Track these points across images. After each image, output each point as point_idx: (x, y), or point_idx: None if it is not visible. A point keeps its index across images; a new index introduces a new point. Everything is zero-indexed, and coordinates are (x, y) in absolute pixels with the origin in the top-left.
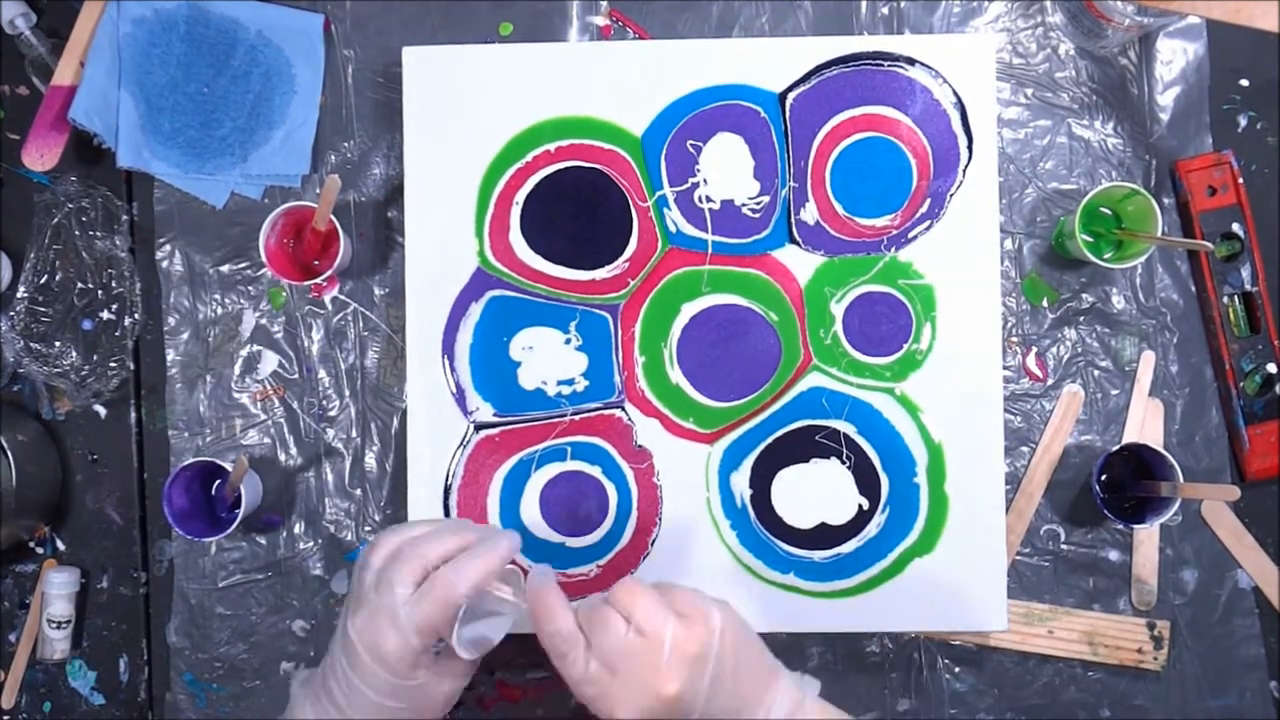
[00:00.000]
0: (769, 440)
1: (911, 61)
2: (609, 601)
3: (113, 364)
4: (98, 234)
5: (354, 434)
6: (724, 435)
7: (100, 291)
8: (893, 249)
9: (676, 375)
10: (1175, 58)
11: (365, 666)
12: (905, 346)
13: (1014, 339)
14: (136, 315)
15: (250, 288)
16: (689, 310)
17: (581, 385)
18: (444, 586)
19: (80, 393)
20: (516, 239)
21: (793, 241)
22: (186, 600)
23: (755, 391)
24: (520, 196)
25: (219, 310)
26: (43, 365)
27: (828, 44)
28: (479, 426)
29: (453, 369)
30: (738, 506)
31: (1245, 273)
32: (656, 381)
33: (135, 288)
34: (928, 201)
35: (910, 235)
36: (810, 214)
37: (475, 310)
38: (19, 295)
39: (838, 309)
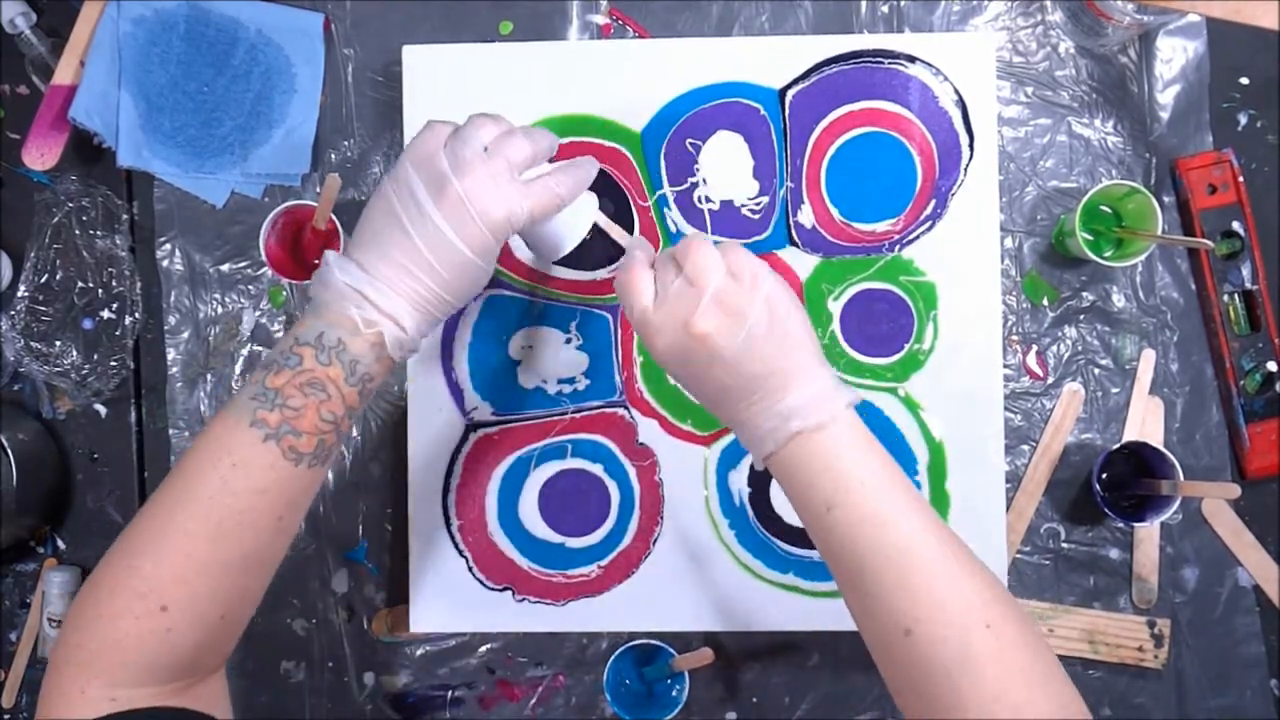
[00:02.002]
0: None
1: (912, 59)
2: (673, 252)
3: (113, 363)
4: (98, 233)
5: (354, 434)
6: (722, 436)
7: (100, 291)
8: (896, 249)
9: None
10: (1175, 56)
11: (468, 221)
12: (907, 347)
13: (1014, 337)
14: (137, 314)
15: (250, 287)
16: None
17: (583, 384)
18: (553, 186)
19: (80, 392)
20: (514, 239)
21: (792, 244)
22: None
23: None
24: None
25: (219, 309)
26: (43, 364)
27: (828, 42)
28: (477, 425)
29: (451, 368)
30: (736, 506)
31: (1245, 271)
32: (655, 383)
33: (135, 287)
34: (932, 202)
35: (912, 237)
36: (806, 217)
37: (474, 309)
38: (19, 294)
39: (835, 306)
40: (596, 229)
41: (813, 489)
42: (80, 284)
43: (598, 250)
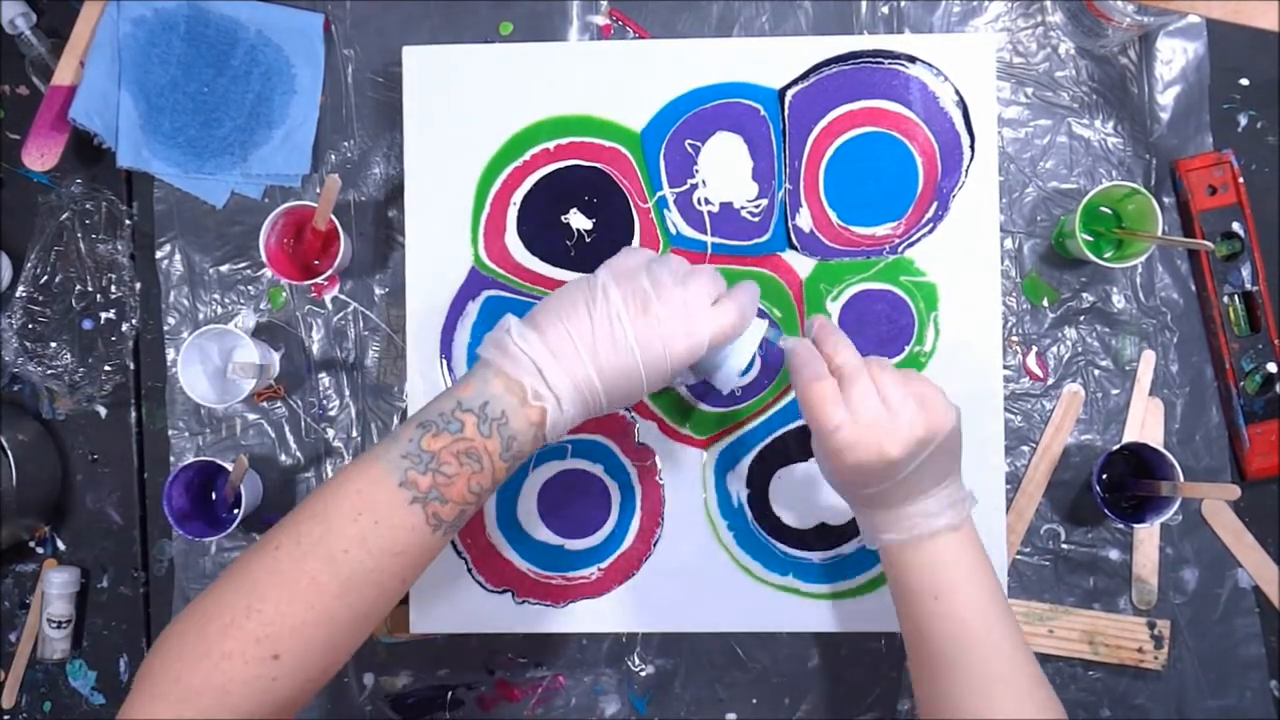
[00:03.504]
0: (767, 440)
1: (912, 60)
2: (867, 370)
3: (107, 368)
4: (100, 237)
5: (354, 434)
6: (720, 439)
7: (99, 295)
8: (899, 252)
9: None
10: (1175, 57)
11: (653, 342)
12: (908, 349)
13: (1014, 338)
14: (134, 321)
15: (250, 288)
16: None
17: None
18: (743, 306)
19: (73, 395)
20: (513, 240)
21: (791, 247)
22: (187, 600)
23: (759, 392)
24: (518, 197)
25: (219, 310)
26: (38, 365)
27: (828, 43)
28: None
29: (451, 369)
30: (734, 507)
31: (1245, 272)
32: None
33: (134, 293)
34: (934, 204)
35: (914, 239)
36: (805, 220)
37: (472, 310)
38: (18, 294)
39: (834, 307)
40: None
41: (924, 579)
42: (79, 287)
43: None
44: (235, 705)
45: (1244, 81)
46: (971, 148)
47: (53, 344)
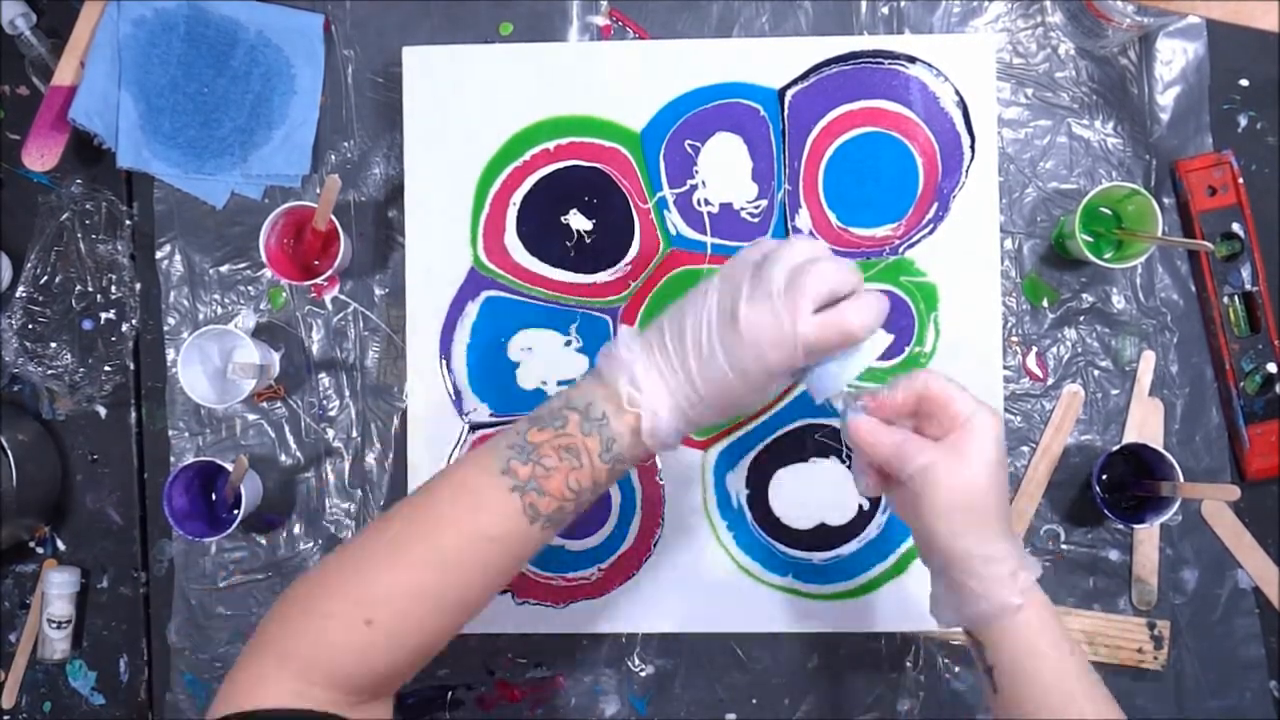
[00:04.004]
0: (767, 441)
1: (912, 60)
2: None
3: (107, 368)
4: (100, 237)
5: (354, 434)
6: (719, 441)
7: (99, 295)
8: (899, 253)
9: None
10: (1175, 58)
11: (740, 350)
12: (908, 349)
13: (1014, 339)
14: (134, 321)
15: (250, 288)
16: None
17: None
18: (848, 322)
19: (73, 395)
20: (512, 240)
21: None
22: (187, 600)
23: None
24: (517, 198)
25: (219, 310)
26: (38, 365)
27: (827, 43)
28: (475, 426)
29: (450, 369)
30: (734, 507)
31: (1245, 272)
32: None
33: (134, 293)
34: (934, 205)
35: (914, 240)
36: (804, 221)
37: (472, 310)
38: (18, 294)
39: None
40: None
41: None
42: (79, 287)
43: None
44: (336, 663)
45: (1244, 82)
46: (972, 148)
47: (53, 344)
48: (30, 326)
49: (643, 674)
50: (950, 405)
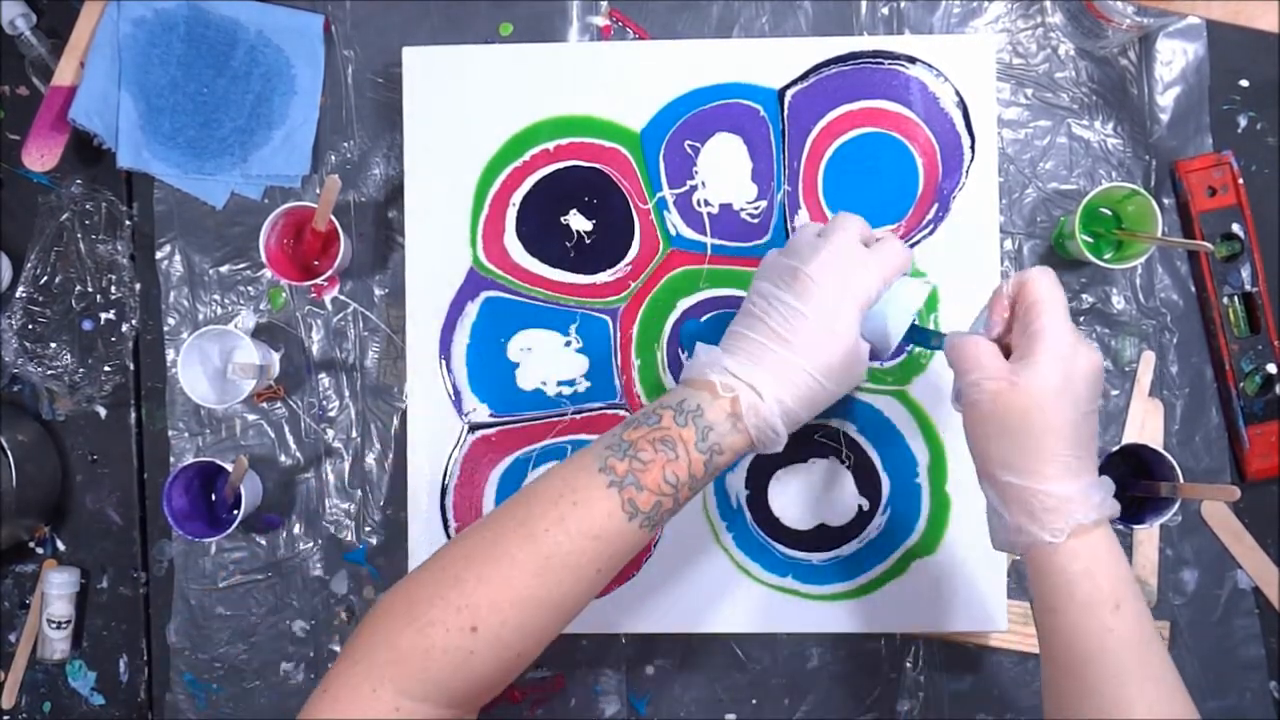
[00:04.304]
0: None
1: (912, 60)
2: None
3: (107, 369)
4: (100, 237)
5: (354, 434)
6: None
7: (99, 295)
8: None
9: (670, 382)
10: (1175, 58)
11: (813, 298)
12: (908, 349)
13: None
14: (134, 321)
15: (250, 288)
16: (683, 305)
17: (583, 386)
18: (894, 250)
19: (73, 395)
20: (511, 241)
21: None
22: (186, 600)
23: None
24: (517, 198)
25: (219, 310)
26: (38, 366)
27: (827, 43)
28: (474, 427)
29: (450, 369)
30: (733, 507)
31: (1245, 273)
32: (651, 387)
33: (134, 294)
34: (934, 206)
35: (913, 241)
36: (804, 222)
37: (471, 311)
38: (18, 295)
39: None
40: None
41: (1104, 583)
42: (79, 287)
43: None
44: (437, 673)
45: (1244, 83)
46: (972, 148)
47: (53, 344)
48: (30, 326)
49: (643, 674)
50: (1031, 314)
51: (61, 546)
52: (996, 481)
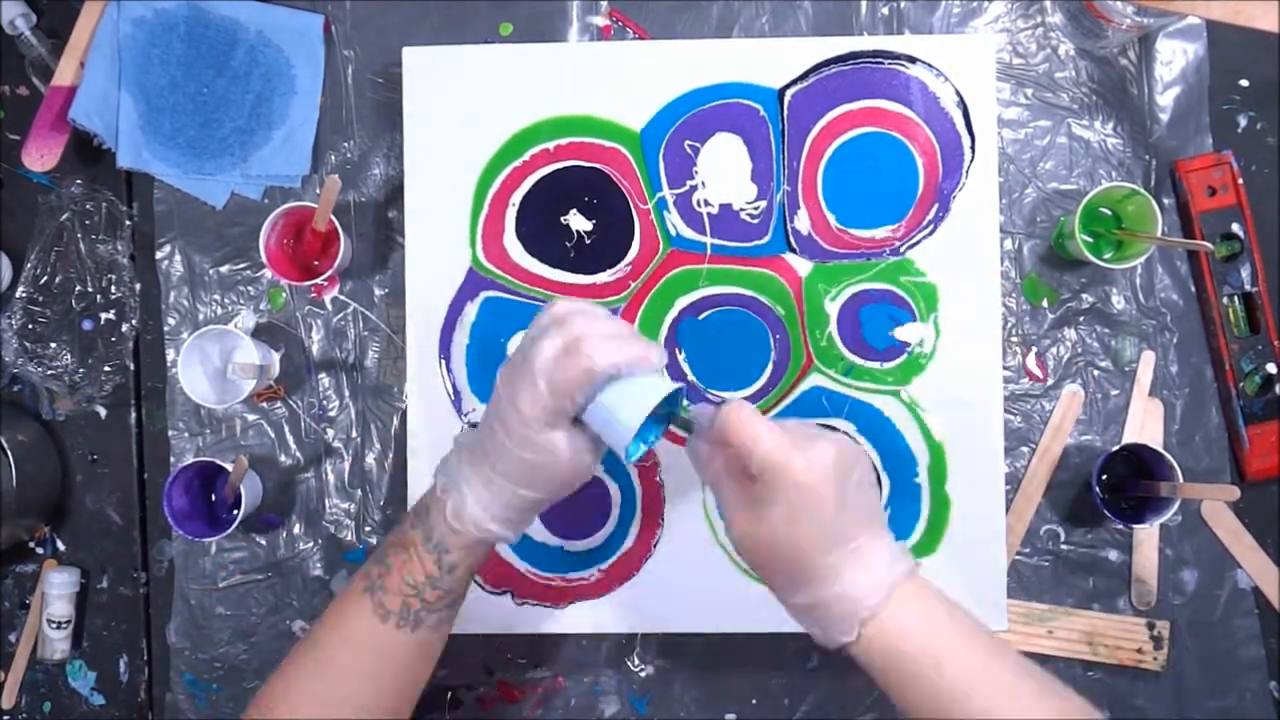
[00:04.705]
0: None
1: (912, 60)
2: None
3: (107, 369)
4: (100, 237)
5: (354, 434)
6: None
7: (99, 295)
8: (899, 254)
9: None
10: (1175, 58)
11: (509, 418)
12: (909, 351)
13: (1014, 339)
14: (134, 321)
15: (250, 288)
16: (682, 303)
17: None
18: (583, 355)
19: (73, 395)
20: (511, 241)
21: (790, 249)
22: (186, 600)
23: (755, 383)
24: (516, 198)
25: (219, 310)
26: (38, 366)
27: (827, 43)
28: (474, 426)
29: (449, 369)
30: None
31: (1245, 273)
32: None
33: (134, 294)
34: (935, 207)
35: (914, 241)
36: (803, 223)
37: (471, 311)
38: (18, 295)
39: (832, 308)
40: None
41: (914, 648)
42: (80, 287)
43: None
44: None
45: (1244, 82)
46: (972, 148)
47: (53, 344)
48: (30, 326)
49: (643, 674)
50: (743, 455)
51: (61, 546)
52: (816, 573)
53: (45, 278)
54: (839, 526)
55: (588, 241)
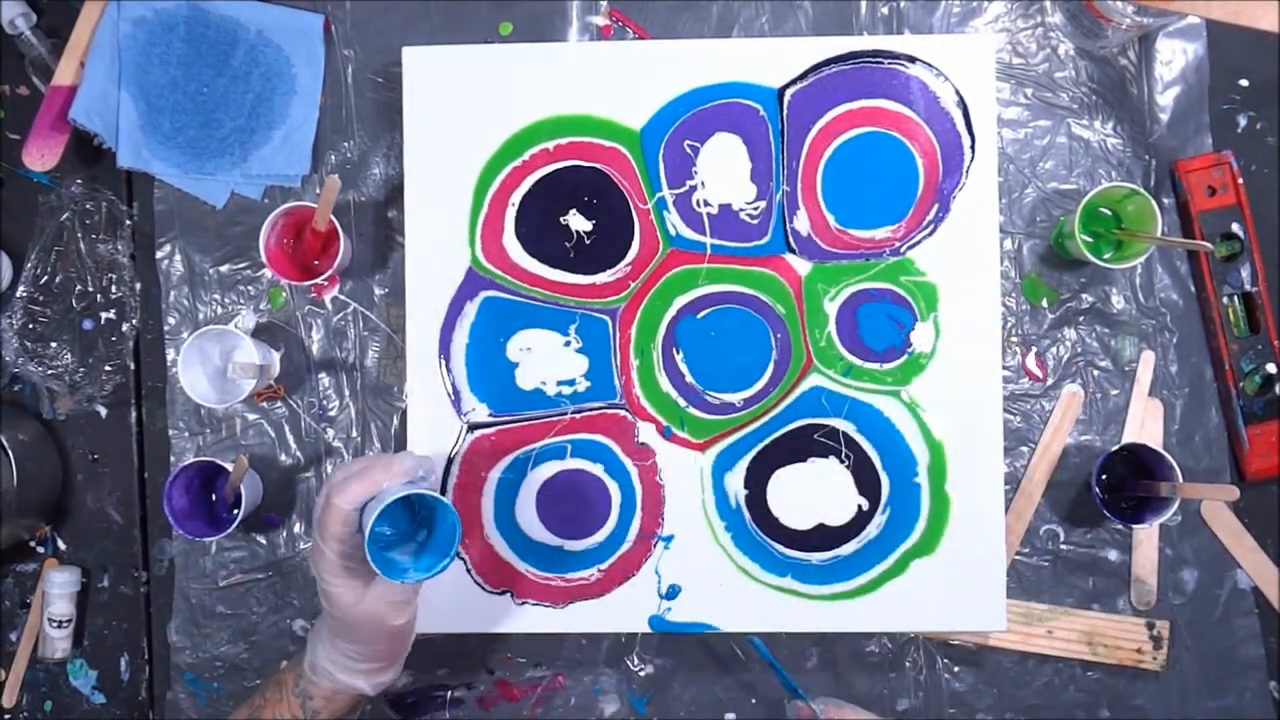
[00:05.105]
0: (765, 442)
1: (912, 60)
2: None
3: (107, 368)
4: (100, 237)
5: (354, 434)
6: (717, 442)
7: (99, 295)
8: (899, 254)
9: (665, 383)
10: (1175, 58)
11: (318, 578)
12: (909, 351)
13: (1014, 339)
14: (134, 321)
15: (250, 288)
16: (681, 302)
17: (583, 385)
18: (331, 504)
19: (73, 395)
20: (510, 240)
21: (790, 250)
22: (187, 600)
23: (755, 384)
24: (516, 198)
25: (219, 310)
26: (38, 365)
27: (827, 43)
28: (474, 426)
29: (449, 369)
30: (732, 507)
31: (1245, 273)
32: (649, 388)
33: (135, 293)
34: (934, 207)
35: (914, 240)
36: (802, 223)
37: (470, 310)
38: (18, 294)
39: (831, 308)
40: None
41: None
42: (80, 287)
43: None
44: None
45: (1243, 82)
46: (972, 148)
47: (53, 344)
48: (30, 326)
49: (643, 674)
50: None
51: (62, 545)
52: None
53: (45, 277)
54: None
55: (587, 241)
